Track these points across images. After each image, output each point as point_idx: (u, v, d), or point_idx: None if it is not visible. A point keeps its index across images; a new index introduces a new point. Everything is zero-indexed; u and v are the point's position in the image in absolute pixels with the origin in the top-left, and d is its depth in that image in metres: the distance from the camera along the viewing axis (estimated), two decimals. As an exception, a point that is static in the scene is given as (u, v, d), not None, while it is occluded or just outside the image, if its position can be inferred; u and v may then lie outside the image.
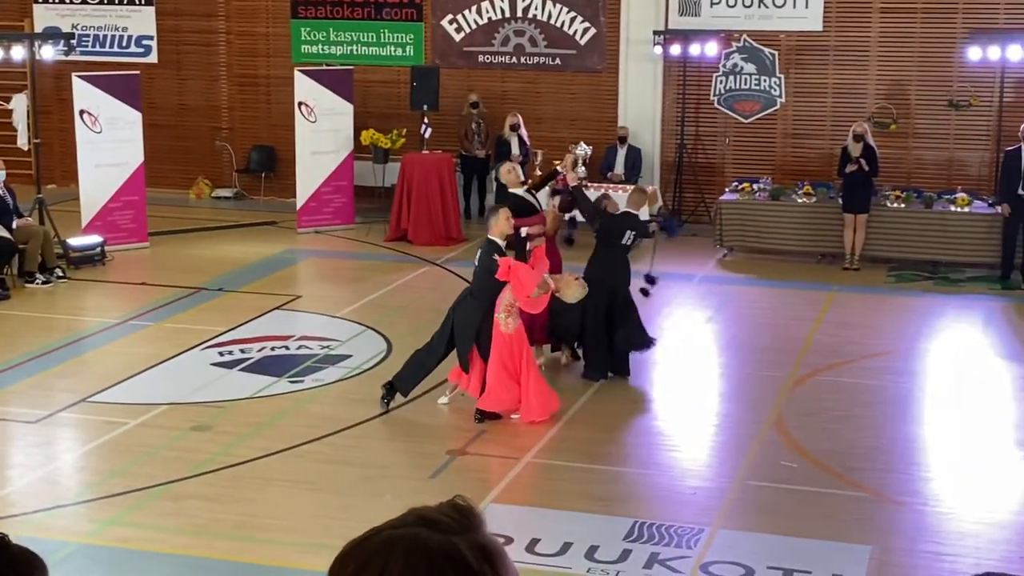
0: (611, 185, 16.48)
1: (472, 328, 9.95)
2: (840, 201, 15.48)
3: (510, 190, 11.56)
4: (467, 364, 9.98)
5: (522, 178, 11.91)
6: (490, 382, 9.92)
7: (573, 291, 10.20)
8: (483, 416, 9.96)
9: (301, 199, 17.07)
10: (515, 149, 16.60)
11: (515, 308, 9.91)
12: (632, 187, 12.93)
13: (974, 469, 9.34)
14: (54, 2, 19.81)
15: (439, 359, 10.20)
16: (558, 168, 11.92)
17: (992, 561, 7.74)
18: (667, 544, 7.85)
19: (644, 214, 16.92)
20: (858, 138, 15.25)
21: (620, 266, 11.00)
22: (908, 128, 17.02)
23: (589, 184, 15.69)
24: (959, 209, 15.36)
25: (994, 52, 15.82)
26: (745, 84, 17.61)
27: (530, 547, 7.70)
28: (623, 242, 10.96)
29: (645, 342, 11.15)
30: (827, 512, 8.41)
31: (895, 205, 15.47)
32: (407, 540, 1.59)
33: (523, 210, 11.02)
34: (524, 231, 11.00)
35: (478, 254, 10.15)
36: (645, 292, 11.63)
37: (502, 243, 10.08)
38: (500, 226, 10.01)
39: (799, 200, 15.90)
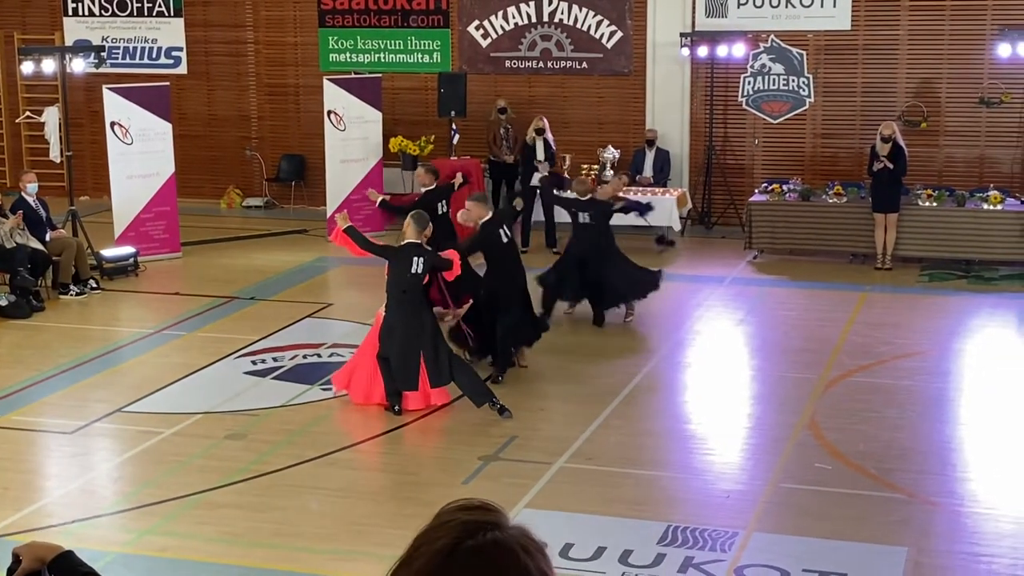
0: (640, 188, 16.46)
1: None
2: (870, 201, 15.40)
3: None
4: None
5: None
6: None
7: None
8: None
9: (331, 207, 17.13)
10: (540, 154, 16.49)
11: None
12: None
13: (1010, 469, 9.27)
14: (84, 15, 19.99)
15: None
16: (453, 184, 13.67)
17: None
18: (701, 548, 7.83)
19: (675, 214, 16.93)
20: (886, 139, 15.16)
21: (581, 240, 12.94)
22: (939, 126, 16.91)
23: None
24: (991, 207, 15.24)
25: (1024, 48, 15.70)
26: (773, 84, 17.55)
27: (563, 552, 7.69)
28: (580, 221, 12.93)
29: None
30: (862, 514, 8.37)
31: (927, 204, 15.36)
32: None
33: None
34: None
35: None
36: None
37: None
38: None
39: (829, 200, 15.82)
